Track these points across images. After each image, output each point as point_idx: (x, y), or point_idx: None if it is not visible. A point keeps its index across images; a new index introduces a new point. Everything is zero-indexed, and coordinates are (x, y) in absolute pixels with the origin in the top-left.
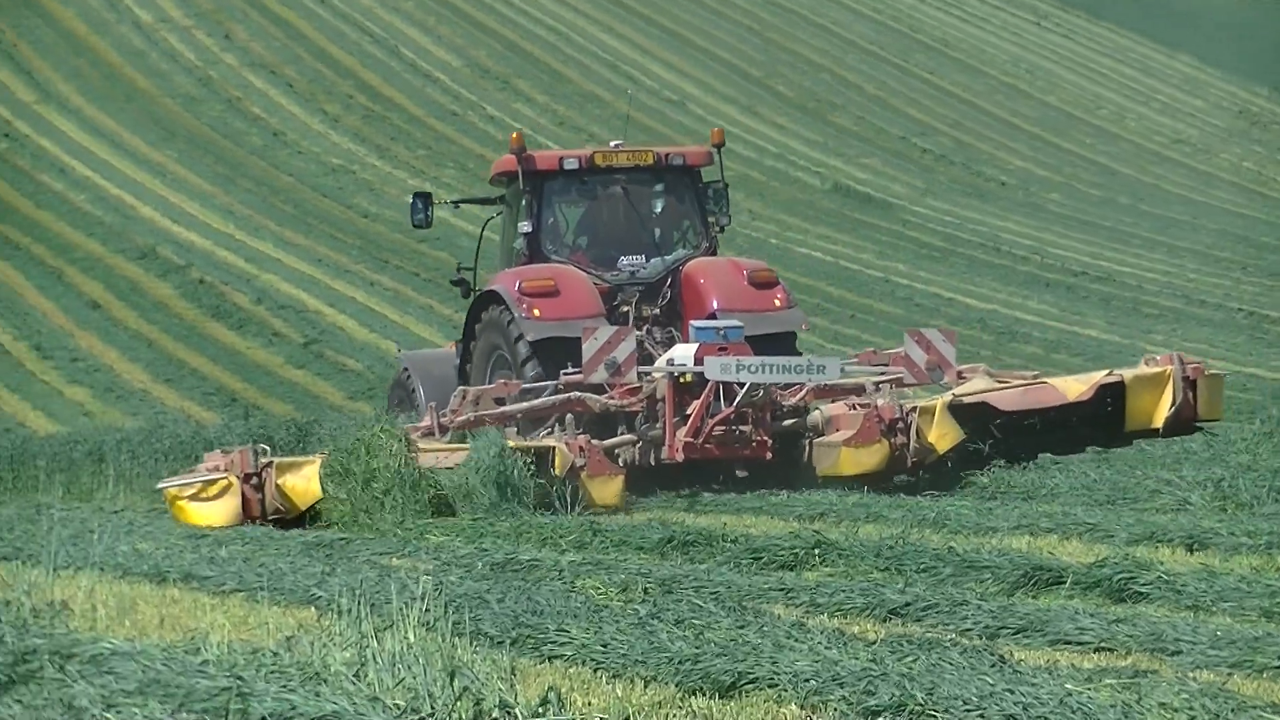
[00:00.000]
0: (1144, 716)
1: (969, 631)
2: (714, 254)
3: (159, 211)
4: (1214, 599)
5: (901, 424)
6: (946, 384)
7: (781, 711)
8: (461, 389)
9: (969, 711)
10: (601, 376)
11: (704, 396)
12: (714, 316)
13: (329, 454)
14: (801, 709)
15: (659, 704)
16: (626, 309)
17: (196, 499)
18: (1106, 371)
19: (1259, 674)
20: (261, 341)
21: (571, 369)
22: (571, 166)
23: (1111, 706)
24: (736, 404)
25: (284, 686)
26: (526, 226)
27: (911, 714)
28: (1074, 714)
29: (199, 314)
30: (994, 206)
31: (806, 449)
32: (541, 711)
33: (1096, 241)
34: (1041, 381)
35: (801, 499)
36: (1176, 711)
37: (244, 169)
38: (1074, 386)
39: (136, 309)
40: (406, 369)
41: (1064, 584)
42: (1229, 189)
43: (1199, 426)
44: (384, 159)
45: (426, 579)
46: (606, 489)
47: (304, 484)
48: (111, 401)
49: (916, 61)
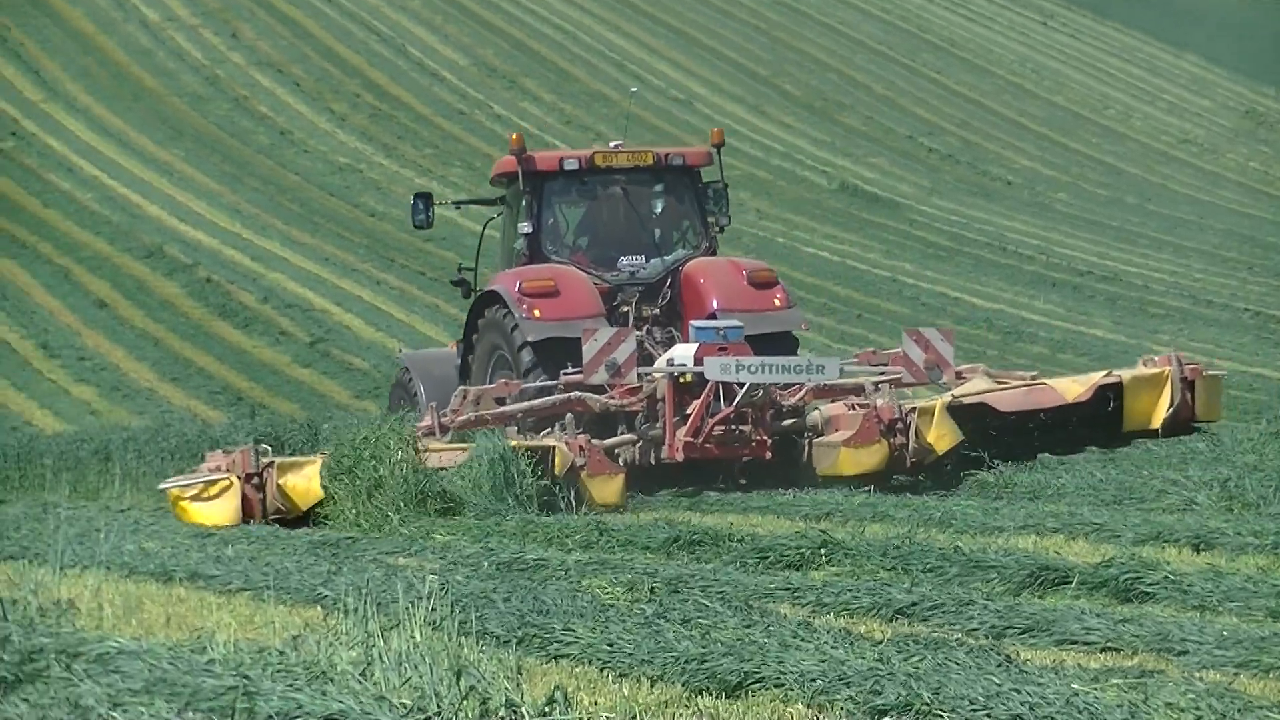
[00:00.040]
0: (1150, 716)
1: (975, 631)
2: (714, 254)
3: (166, 210)
4: (1220, 599)
5: (901, 424)
6: (945, 384)
7: (788, 711)
8: (462, 389)
9: (975, 711)
10: (602, 377)
11: (704, 396)
12: (714, 316)
13: (331, 454)
14: (808, 708)
15: (665, 703)
16: (626, 309)
17: (198, 499)
18: (1105, 372)
19: (1265, 674)
20: (268, 340)
21: (572, 369)
22: (571, 167)
23: (1118, 706)
24: (736, 404)
25: (290, 686)
26: (527, 227)
27: (918, 713)
28: (1080, 714)
29: (206, 313)
30: (1000, 206)
31: (806, 449)
32: (548, 711)
33: (1103, 241)
34: (1040, 382)
35: (808, 499)
36: (1183, 711)
37: (251, 168)
38: (1072, 388)
39: (143, 308)
40: (407, 369)
41: (1070, 584)
42: (1235, 189)
43: (1197, 427)
44: (391, 158)
45: (433, 578)
46: (607, 488)
47: (305, 484)
48: (118, 400)
49: (924, 61)
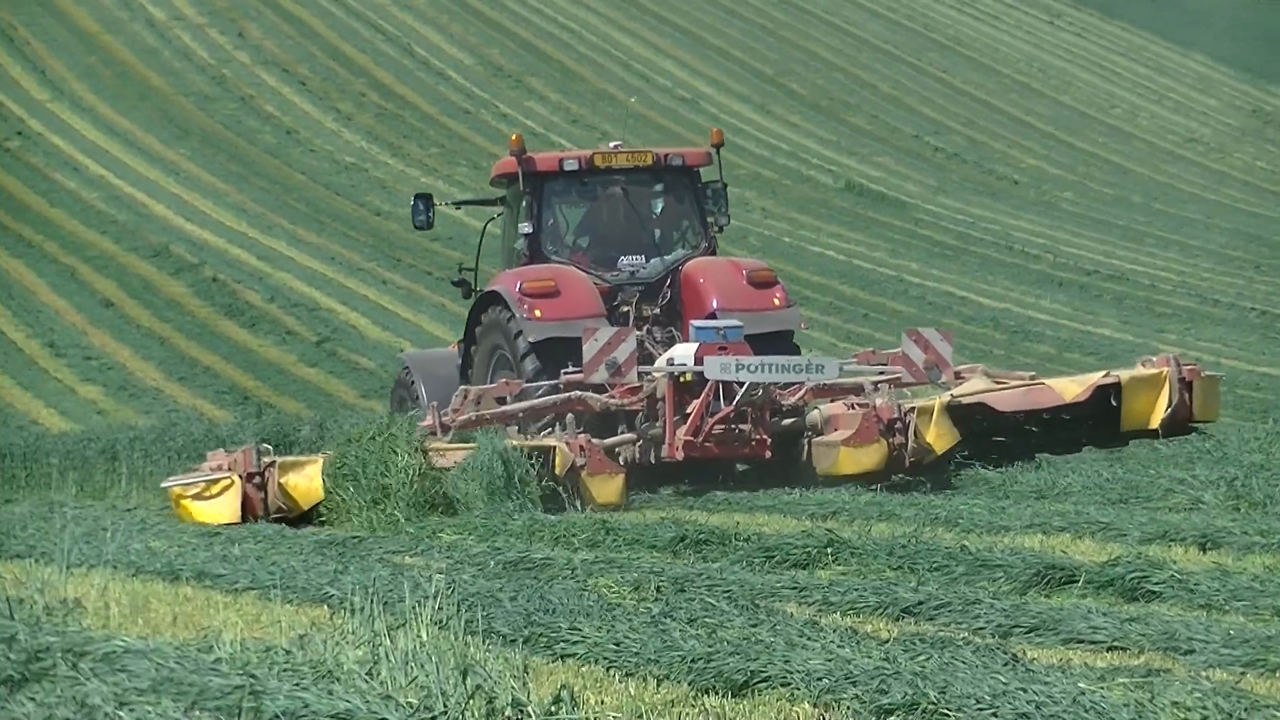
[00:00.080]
0: (1157, 716)
1: (982, 630)
2: (713, 254)
3: (172, 210)
4: (1227, 598)
5: (900, 424)
6: (945, 384)
7: (794, 710)
8: (463, 388)
9: (981, 710)
10: (602, 377)
11: (704, 396)
12: (714, 316)
13: (335, 454)
14: (814, 708)
15: (672, 702)
16: (627, 309)
17: (200, 497)
18: (1104, 373)
19: (1272, 673)
20: (274, 340)
21: (572, 368)
22: (571, 168)
23: (1124, 706)
24: (736, 403)
25: (297, 685)
26: (527, 227)
27: (924, 713)
28: (1087, 713)
29: (212, 312)
30: (1007, 205)
31: (805, 448)
32: (554, 710)
33: (1109, 240)
34: (1038, 382)
35: (813, 498)
36: (1189, 711)
37: (257, 167)
38: (1070, 388)
39: (149, 307)
40: (409, 369)
41: (1077, 583)
42: (1242, 188)
43: (1195, 427)
44: (397, 157)
45: (439, 577)
46: (607, 487)
47: (306, 483)
48: (124, 400)
49: (930, 60)
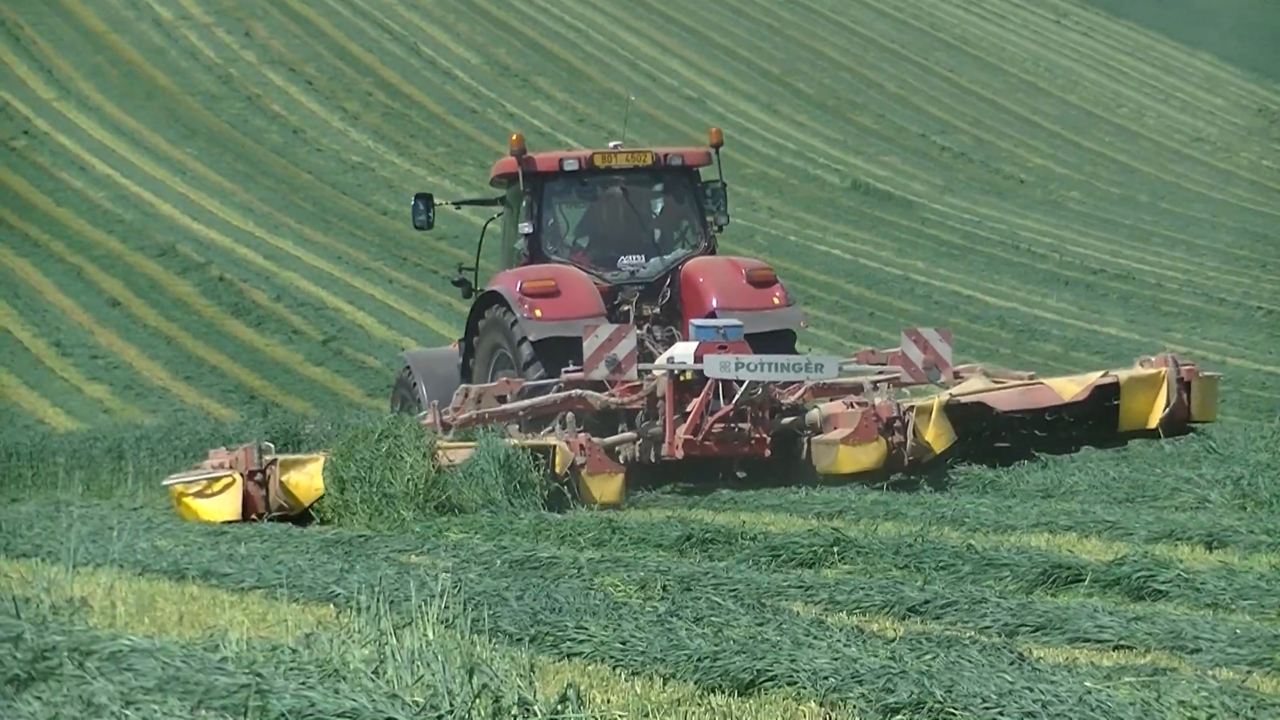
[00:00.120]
0: (1163, 714)
1: (988, 629)
2: (713, 253)
3: (178, 209)
4: (1233, 597)
5: (899, 422)
6: (944, 383)
7: (800, 709)
8: (464, 387)
9: (988, 709)
10: (602, 373)
11: (704, 394)
12: (713, 315)
13: (337, 454)
14: (820, 706)
15: (678, 701)
16: (627, 308)
17: (201, 495)
18: (1102, 373)
19: (1278, 672)
20: (281, 339)
21: (573, 367)
22: (571, 168)
23: (1130, 704)
24: (736, 402)
25: (303, 684)
26: (527, 227)
27: (930, 711)
28: (1093, 712)
29: (218, 311)
30: (1013, 204)
31: (805, 447)
32: (560, 709)
33: (1116, 239)
34: (1037, 382)
35: (820, 496)
36: (1196, 710)
37: (263, 166)
38: (1069, 387)
39: (156, 306)
40: (410, 368)
41: (1083, 582)
42: (1249, 187)
43: (1193, 427)
44: (403, 156)
45: (445, 576)
46: (607, 486)
47: (307, 481)
48: (131, 399)
49: (936, 59)
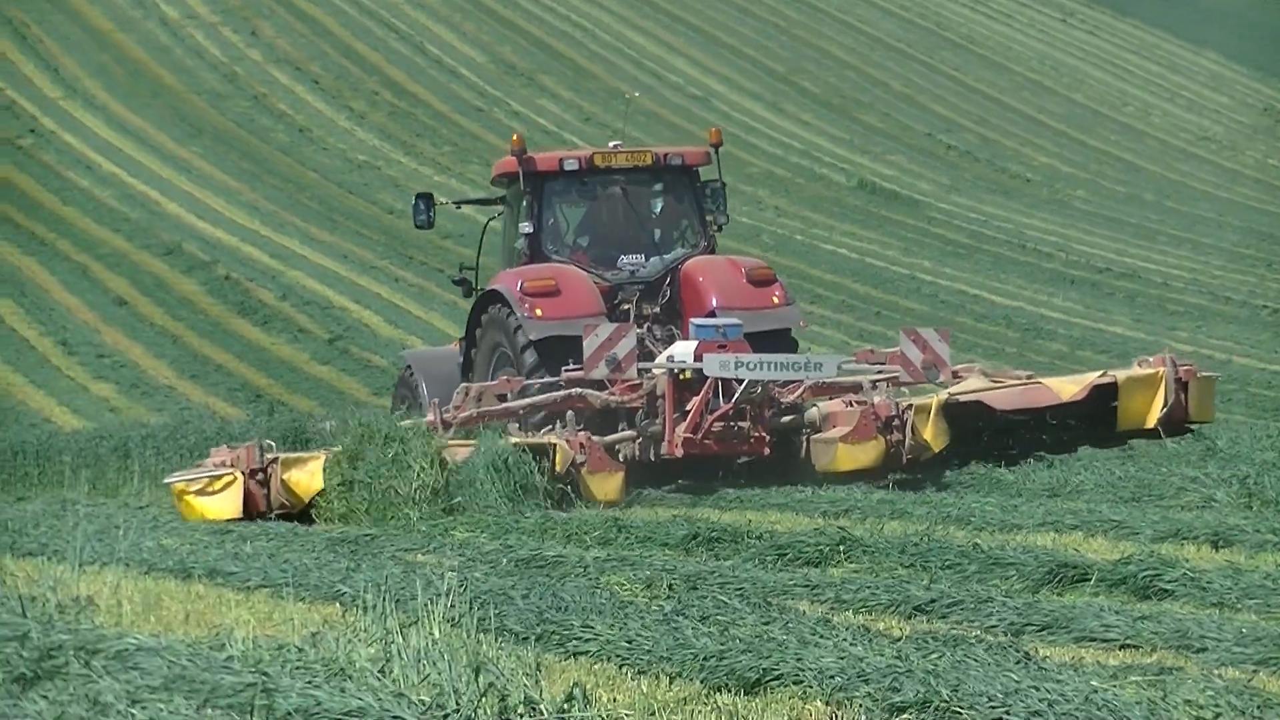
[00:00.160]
0: (1169, 714)
1: (994, 628)
2: (712, 252)
3: (185, 208)
4: (1239, 596)
5: (897, 421)
6: (942, 383)
7: (806, 708)
8: (464, 385)
9: (994, 708)
10: (602, 372)
11: (703, 393)
12: (713, 314)
13: (341, 457)
14: (826, 705)
15: (684, 700)
16: (627, 307)
17: (202, 493)
18: (1100, 372)
19: None
20: (286, 338)
21: (573, 366)
22: (571, 167)
23: (1137, 703)
24: (735, 400)
25: (309, 683)
26: (527, 227)
27: (936, 711)
28: (1099, 711)
29: (224, 310)
30: (1019, 203)
31: (804, 445)
32: (566, 708)
33: (1122, 238)
34: (1036, 382)
35: (826, 495)
36: (1202, 709)
37: (269, 165)
38: (1068, 387)
39: (162, 305)
40: (410, 367)
41: (1089, 581)
42: (1254, 186)
43: (1190, 428)
44: (409, 155)
45: (451, 575)
46: (607, 485)
47: (308, 479)
48: (137, 397)
49: (942, 58)
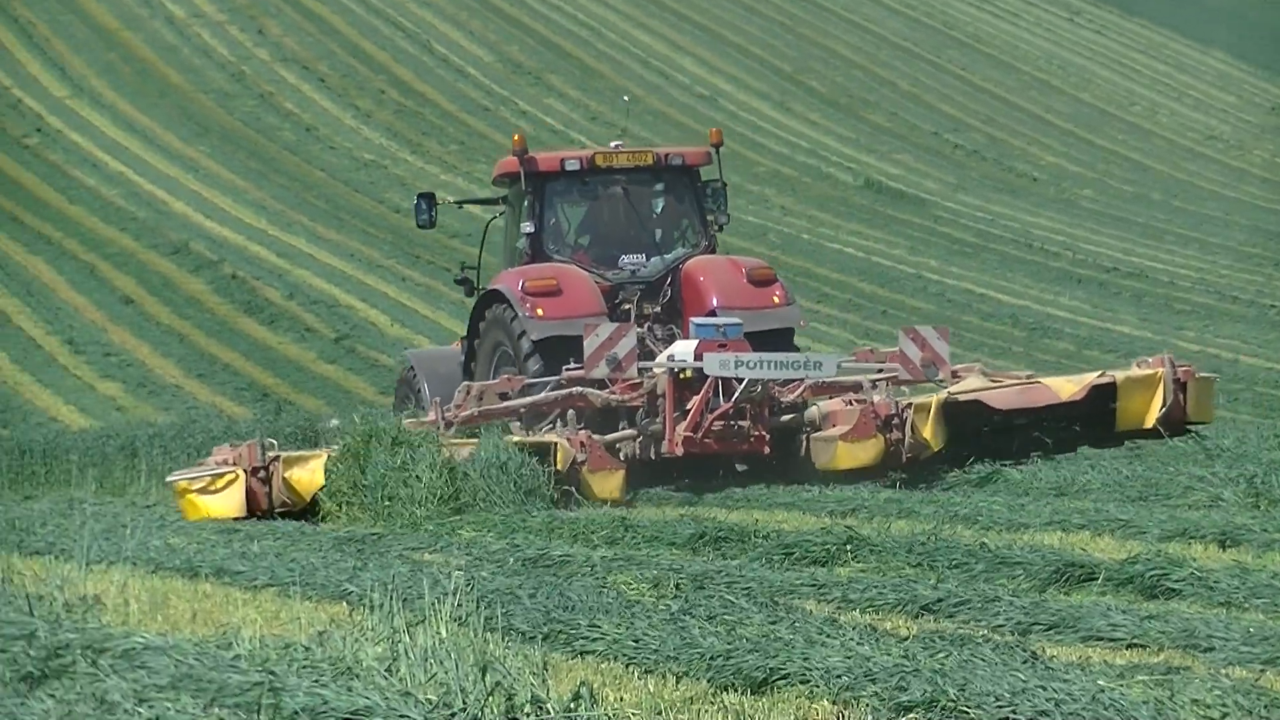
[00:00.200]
0: (1176, 713)
1: (1001, 628)
2: (713, 252)
3: (191, 207)
4: (1246, 595)
5: (897, 420)
6: (942, 381)
7: (813, 707)
8: (465, 384)
9: (1001, 708)
10: (603, 371)
11: (703, 392)
12: (714, 314)
13: (346, 460)
14: (833, 705)
15: (691, 700)
16: (628, 307)
17: (204, 491)
18: (1099, 372)
19: None
20: (293, 337)
21: (574, 365)
22: (572, 167)
23: (1144, 703)
24: (735, 399)
25: (316, 681)
26: (529, 226)
27: (943, 710)
28: (1106, 710)
29: (231, 309)
30: (1026, 202)
31: (804, 444)
32: (573, 707)
33: (1129, 238)
34: (1035, 381)
35: (833, 495)
36: (1209, 708)
37: (276, 164)
38: (1066, 387)
39: (169, 304)
40: (412, 367)
41: (1096, 580)
42: (1261, 185)
43: (1189, 428)
44: (416, 154)
45: (458, 574)
46: (607, 483)
47: (310, 477)
48: (144, 396)
49: (949, 58)
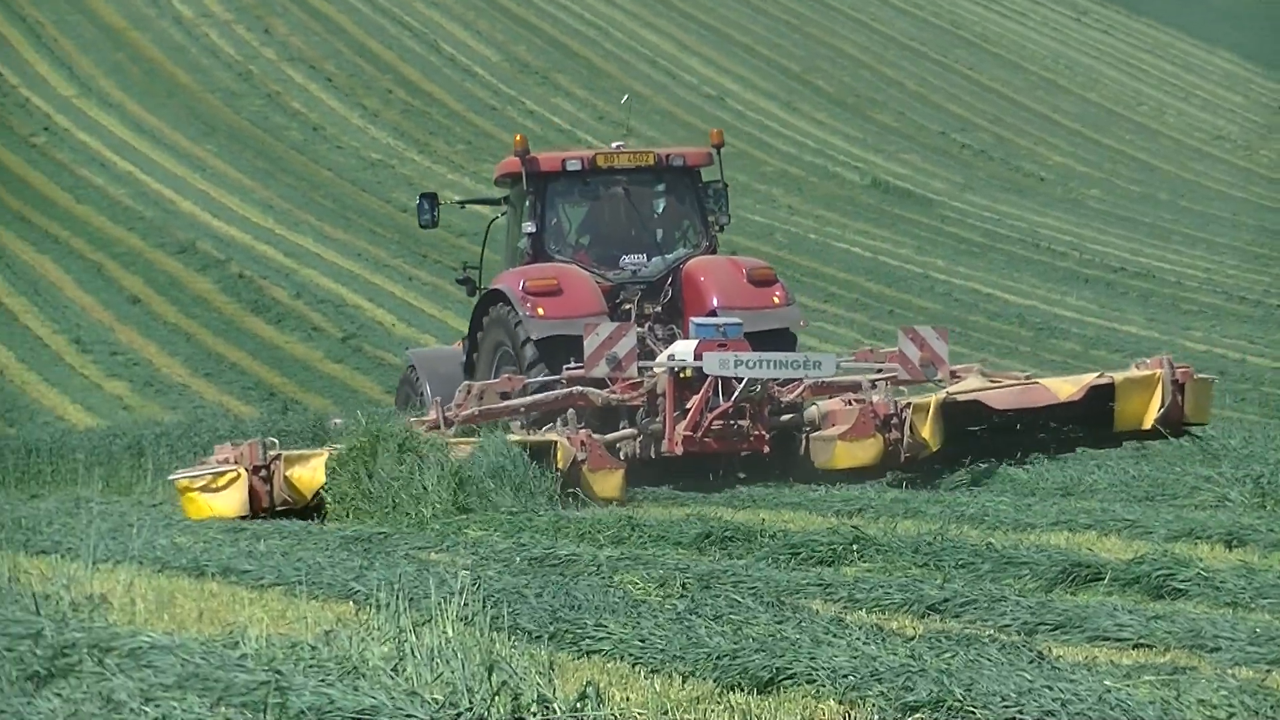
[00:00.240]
0: (1182, 713)
1: (1007, 628)
2: (714, 253)
3: (199, 206)
4: (1253, 595)
5: (896, 419)
6: (941, 381)
7: (819, 707)
8: (466, 384)
9: (1007, 708)
10: (603, 371)
11: (703, 391)
12: (714, 314)
13: (346, 449)
14: (839, 705)
15: (697, 699)
16: (628, 307)
17: (206, 490)
18: (1098, 373)
19: None
20: (300, 336)
21: (574, 364)
22: (574, 168)
23: (1150, 703)
24: (735, 399)
25: (322, 680)
26: (530, 227)
27: (949, 710)
28: (1112, 710)
29: (238, 308)
30: (1033, 202)
31: (803, 443)
32: (579, 707)
33: (1136, 238)
34: (1033, 382)
35: (839, 494)
36: (1215, 708)
37: (284, 163)
38: (1065, 387)
39: (176, 303)
40: (414, 366)
41: (1102, 580)
42: (1268, 185)
43: (1187, 429)
44: (423, 154)
45: (465, 573)
46: (607, 482)
47: (311, 475)
48: (151, 395)
49: (956, 57)
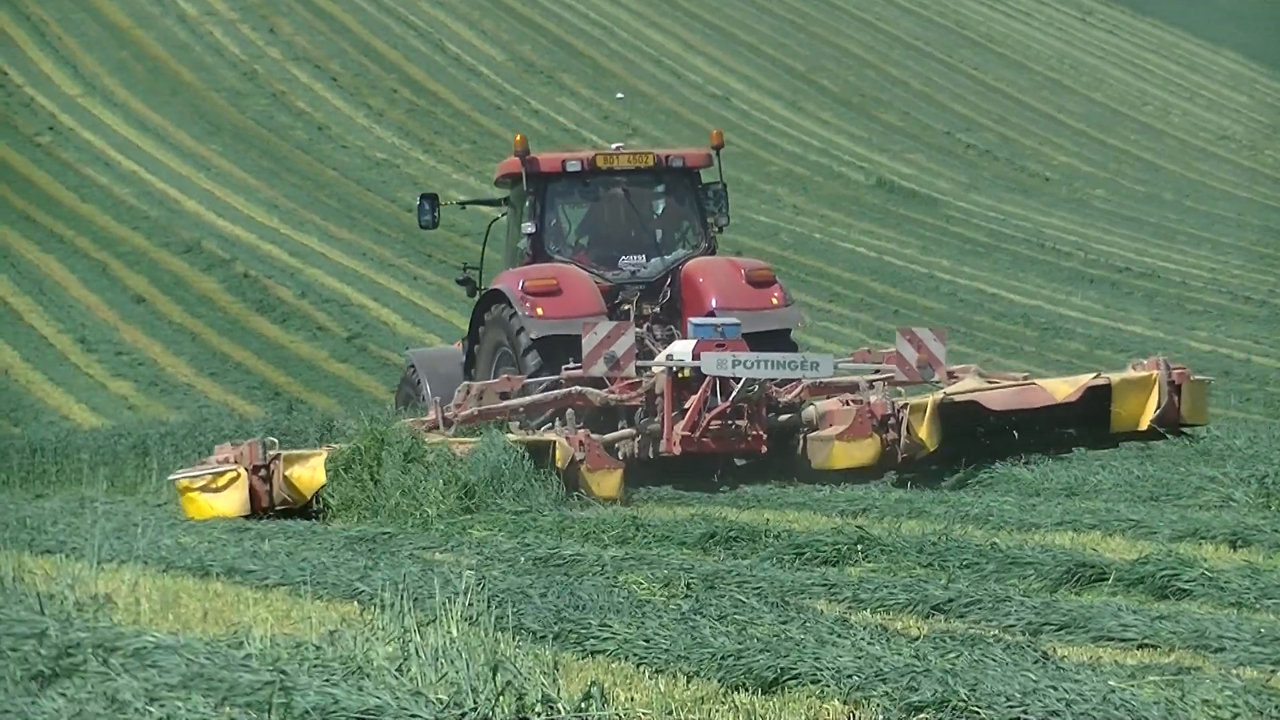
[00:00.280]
0: (1187, 713)
1: (1012, 628)
2: (713, 254)
3: (204, 205)
4: (1257, 596)
5: (893, 420)
6: (938, 382)
7: (824, 707)
8: (466, 384)
9: (1012, 708)
10: (601, 370)
11: (701, 391)
12: (713, 314)
13: (346, 447)
14: (844, 705)
15: (701, 699)
16: (627, 307)
17: (206, 490)
18: (1094, 374)
19: None
20: (305, 335)
21: (573, 364)
22: (574, 169)
23: (1154, 703)
24: (733, 399)
25: (327, 680)
26: (530, 227)
27: (954, 710)
28: (1117, 710)
29: (243, 308)
30: (1038, 202)
31: (801, 443)
32: (584, 707)
33: (1141, 238)
34: (1030, 382)
35: (844, 494)
36: (1220, 709)
37: (289, 163)
38: (1062, 388)
39: (181, 303)
40: (413, 366)
41: (1107, 580)
42: (1274, 185)
43: (1183, 430)
44: (428, 153)
45: (469, 574)
46: (606, 482)
47: (310, 475)
48: (155, 395)
49: (961, 57)
